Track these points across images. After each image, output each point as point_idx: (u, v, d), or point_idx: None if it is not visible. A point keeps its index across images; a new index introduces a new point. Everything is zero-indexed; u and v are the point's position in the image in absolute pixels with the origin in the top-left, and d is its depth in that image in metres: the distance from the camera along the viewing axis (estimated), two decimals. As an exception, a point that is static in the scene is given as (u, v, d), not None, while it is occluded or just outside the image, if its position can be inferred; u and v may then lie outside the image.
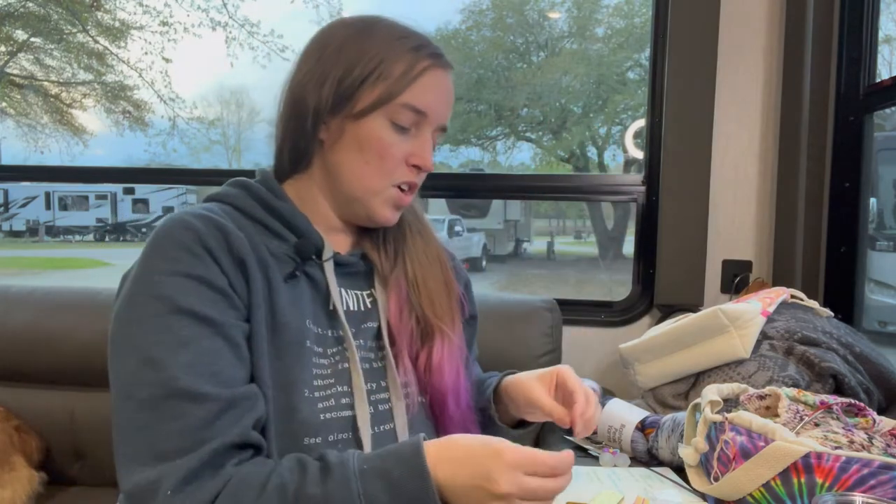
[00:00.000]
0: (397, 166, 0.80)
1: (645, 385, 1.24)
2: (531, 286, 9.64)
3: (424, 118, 0.80)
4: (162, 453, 0.63)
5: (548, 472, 0.63)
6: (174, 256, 0.69)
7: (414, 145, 0.81)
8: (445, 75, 0.82)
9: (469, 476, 0.63)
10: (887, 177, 3.54)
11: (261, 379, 0.71)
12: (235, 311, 0.71)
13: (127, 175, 2.11)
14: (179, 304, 0.67)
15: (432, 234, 0.94)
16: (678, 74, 1.52)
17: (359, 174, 0.80)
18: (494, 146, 10.62)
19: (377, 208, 0.82)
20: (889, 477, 0.66)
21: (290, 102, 0.81)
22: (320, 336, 0.78)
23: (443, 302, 0.88)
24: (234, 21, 7.97)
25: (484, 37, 9.96)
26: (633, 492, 0.85)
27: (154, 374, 0.65)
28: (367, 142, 0.78)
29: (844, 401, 0.80)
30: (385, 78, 0.77)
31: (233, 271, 0.71)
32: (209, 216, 0.73)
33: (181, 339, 0.66)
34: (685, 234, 1.54)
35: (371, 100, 0.77)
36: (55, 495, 1.42)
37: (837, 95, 1.36)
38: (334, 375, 0.77)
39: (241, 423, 0.66)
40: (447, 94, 0.83)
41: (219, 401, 0.65)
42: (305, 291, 0.78)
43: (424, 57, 0.80)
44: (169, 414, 0.64)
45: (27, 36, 8.30)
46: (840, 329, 1.13)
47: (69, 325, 1.45)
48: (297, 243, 0.78)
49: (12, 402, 1.45)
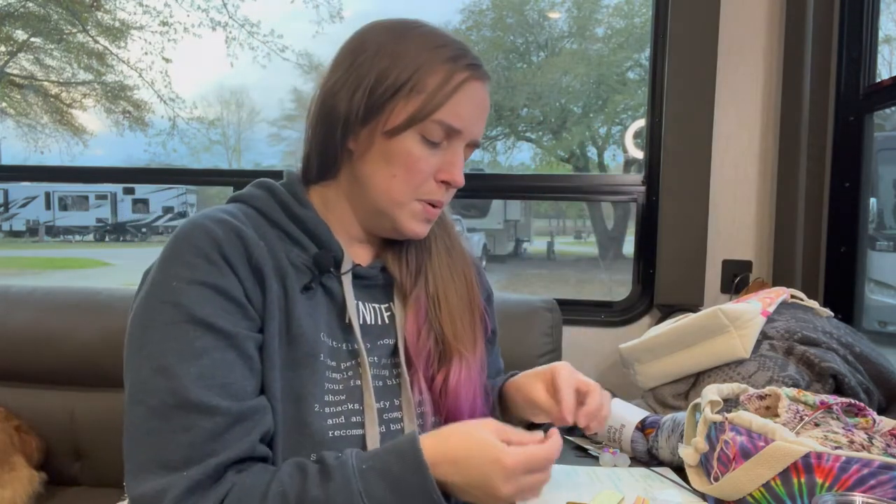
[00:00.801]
0: (425, 181, 0.77)
1: (645, 385, 1.24)
2: (531, 286, 9.64)
3: (457, 134, 0.76)
4: (169, 463, 0.63)
5: (544, 466, 0.65)
6: (192, 263, 0.69)
7: (444, 160, 0.77)
8: (482, 87, 0.78)
9: (468, 477, 0.64)
10: (887, 177, 3.54)
11: (271, 391, 0.70)
12: (250, 321, 0.70)
13: (127, 175, 2.11)
14: (195, 313, 0.67)
15: (460, 249, 0.90)
16: (678, 74, 1.52)
17: (385, 187, 0.77)
18: (494, 146, 10.61)
19: (404, 221, 0.79)
20: (889, 477, 0.66)
21: (320, 108, 0.78)
22: (334, 349, 0.77)
23: (465, 322, 0.85)
24: (234, 21, 7.97)
25: (484, 37, 9.96)
26: (633, 492, 0.85)
27: (165, 383, 0.65)
28: (396, 155, 0.75)
29: (844, 401, 0.80)
30: (419, 91, 0.74)
31: (250, 281, 0.71)
32: (230, 222, 0.72)
33: (194, 350, 0.66)
34: (685, 234, 1.54)
35: (404, 116, 0.74)
36: (55, 495, 1.42)
37: (837, 95, 1.36)
38: (346, 392, 0.75)
39: (250, 437, 0.67)
40: (483, 108, 0.79)
41: (228, 414, 0.65)
42: (322, 303, 0.77)
43: (462, 69, 0.75)
44: (178, 424, 0.64)
45: (27, 36, 8.30)
46: (840, 329, 1.13)
47: (69, 325, 1.45)
48: (315, 255, 0.77)
49: (12, 402, 1.45)
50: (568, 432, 1.17)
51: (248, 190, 0.81)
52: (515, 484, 0.63)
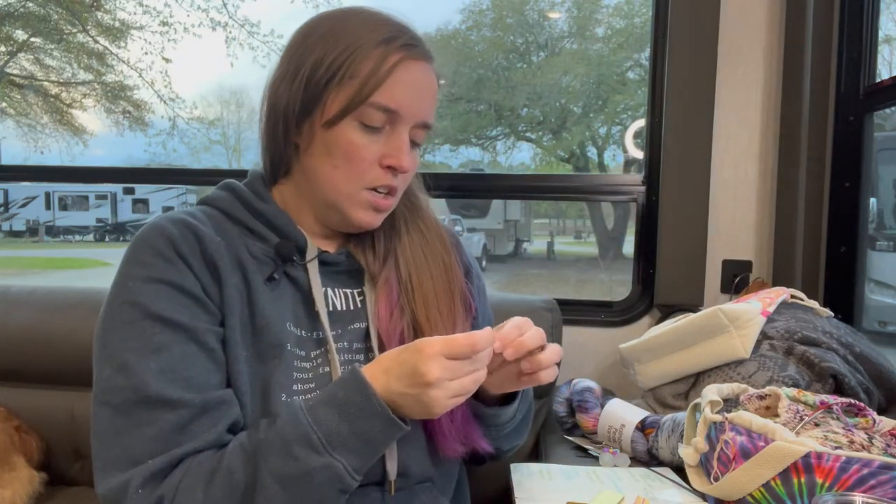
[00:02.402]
0: (369, 168, 0.75)
1: (645, 385, 1.24)
2: (531, 286, 9.64)
3: (397, 117, 0.74)
4: (136, 458, 0.64)
5: (469, 351, 0.64)
6: (148, 262, 0.70)
7: (388, 145, 0.75)
8: (421, 67, 0.76)
9: (400, 377, 0.65)
10: (887, 177, 3.54)
11: (237, 383, 0.71)
12: (210, 315, 0.71)
13: (127, 175, 2.11)
14: (151, 309, 0.68)
15: (434, 230, 0.88)
16: (678, 74, 1.52)
17: (330, 179, 0.76)
18: (494, 146, 10.63)
19: (353, 212, 0.77)
20: (889, 477, 0.66)
21: (265, 104, 0.79)
22: (302, 339, 0.77)
23: (441, 306, 0.82)
24: (234, 21, 7.98)
25: (484, 37, 9.96)
26: (633, 492, 0.85)
27: (126, 381, 0.66)
28: (336, 146, 0.74)
29: (844, 401, 0.80)
30: (352, 76, 0.72)
31: (206, 276, 0.72)
32: (186, 220, 0.73)
33: (153, 346, 0.67)
34: (685, 234, 1.54)
35: (340, 105, 0.73)
36: (55, 495, 1.42)
37: (837, 95, 1.36)
38: (315, 380, 0.75)
39: (216, 427, 0.67)
40: (423, 87, 0.76)
41: (191, 406, 0.66)
42: (287, 293, 0.77)
43: (396, 50, 0.73)
44: (143, 420, 0.65)
45: (27, 36, 8.30)
46: (840, 329, 1.13)
47: (69, 325, 1.45)
48: (277, 244, 0.77)
49: (12, 402, 1.45)
50: (568, 432, 1.17)
51: (213, 192, 0.82)
52: (442, 365, 0.63)
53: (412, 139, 0.78)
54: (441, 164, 10.84)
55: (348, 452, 0.64)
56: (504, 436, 0.87)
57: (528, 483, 0.89)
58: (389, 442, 0.68)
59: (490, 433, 0.85)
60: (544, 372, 0.72)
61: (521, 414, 0.89)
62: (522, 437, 0.94)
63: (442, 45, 10.22)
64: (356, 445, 0.65)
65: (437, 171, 9.15)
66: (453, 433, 0.79)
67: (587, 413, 1.12)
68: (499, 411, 0.84)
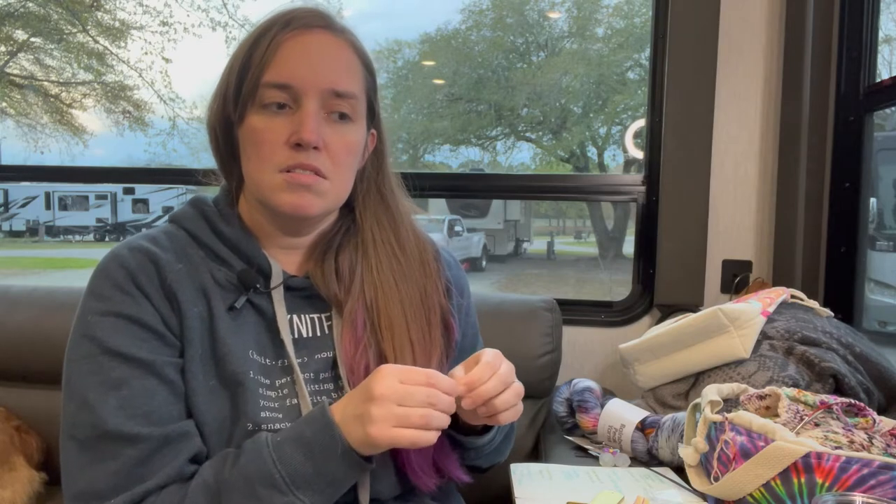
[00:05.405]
0: (277, 150, 0.72)
1: (645, 385, 1.24)
2: (531, 286, 9.64)
3: (296, 91, 0.72)
4: (100, 493, 0.65)
5: (424, 380, 0.65)
6: (106, 296, 0.71)
7: (293, 122, 0.73)
8: (315, 37, 0.74)
9: (352, 397, 0.66)
10: (887, 177, 3.54)
11: (198, 414, 0.71)
12: (169, 347, 0.71)
13: (127, 175, 2.11)
14: (109, 345, 0.69)
15: (409, 249, 0.83)
16: (678, 74, 1.52)
17: (250, 174, 0.76)
18: (494, 146, 10.63)
19: (275, 200, 0.73)
20: (889, 477, 0.66)
21: (206, 125, 0.81)
22: (266, 367, 0.75)
23: (413, 333, 0.78)
24: (234, 21, 7.98)
25: (484, 37, 9.97)
26: (633, 492, 0.85)
27: (88, 417, 0.67)
28: (247, 139, 0.75)
29: (844, 401, 0.80)
30: (248, 69, 0.73)
31: (165, 307, 0.71)
32: (146, 248, 0.73)
33: (112, 381, 0.68)
34: (685, 234, 1.54)
35: (243, 98, 0.74)
36: (55, 495, 1.42)
37: (837, 95, 1.36)
38: (282, 410, 0.73)
39: (177, 460, 0.68)
40: (320, 55, 0.74)
41: (151, 440, 0.67)
42: (250, 321, 0.76)
43: (280, 30, 0.73)
44: (105, 454, 0.66)
45: (27, 36, 8.30)
46: (840, 329, 1.13)
47: (69, 325, 1.44)
48: (240, 272, 0.75)
49: (12, 402, 1.45)
50: (568, 432, 1.17)
51: (182, 208, 0.81)
52: (390, 386, 0.63)
53: (332, 110, 0.75)
54: (441, 164, 10.85)
55: (312, 492, 0.64)
56: (484, 456, 0.87)
57: (528, 483, 0.89)
58: (353, 481, 0.69)
59: (469, 455, 0.85)
60: (502, 414, 0.71)
61: (502, 435, 0.88)
62: (503, 456, 0.94)
63: (442, 45, 10.23)
64: (320, 486, 0.65)
65: (438, 171, 9.16)
66: (426, 469, 0.78)
67: (587, 413, 1.12)
68: (475, 440, 0.82)
